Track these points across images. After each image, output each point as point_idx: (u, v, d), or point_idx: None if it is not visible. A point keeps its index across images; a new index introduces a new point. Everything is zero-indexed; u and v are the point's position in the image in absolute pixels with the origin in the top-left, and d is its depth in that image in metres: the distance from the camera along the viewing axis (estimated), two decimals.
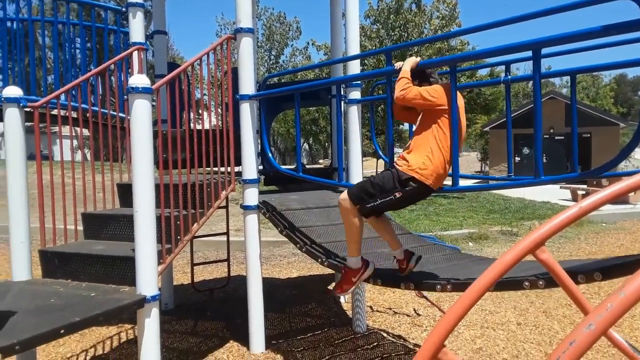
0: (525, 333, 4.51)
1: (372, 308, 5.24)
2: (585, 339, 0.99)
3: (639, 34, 2.61)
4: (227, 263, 5.88)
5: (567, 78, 4.80)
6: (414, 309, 5.18)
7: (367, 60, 18.18)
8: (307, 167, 5.81)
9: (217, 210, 4.13)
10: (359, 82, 4.38)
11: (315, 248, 3.68)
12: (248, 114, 4.12)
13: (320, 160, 39.35)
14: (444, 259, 3.63)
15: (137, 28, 4.67)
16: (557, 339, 4.31)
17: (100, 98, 4.30)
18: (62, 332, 2.60)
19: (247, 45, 4.08)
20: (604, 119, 23.73)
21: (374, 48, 18.77)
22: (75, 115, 4.22)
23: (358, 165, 4.41)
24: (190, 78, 4.11)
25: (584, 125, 22.18)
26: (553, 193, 15.83)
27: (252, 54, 4.14)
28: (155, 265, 3.15)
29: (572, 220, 1.25)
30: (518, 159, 23.89)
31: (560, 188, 16.06)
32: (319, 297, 5.81)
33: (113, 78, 5.02)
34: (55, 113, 3.83)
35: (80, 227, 3.99)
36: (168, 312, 5.26)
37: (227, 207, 5.54)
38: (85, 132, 4.38)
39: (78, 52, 5.61)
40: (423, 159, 2.82)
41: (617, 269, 2.32)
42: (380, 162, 21.59)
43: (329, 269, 6.76)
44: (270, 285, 6.15)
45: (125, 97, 3.31)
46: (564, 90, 36.17)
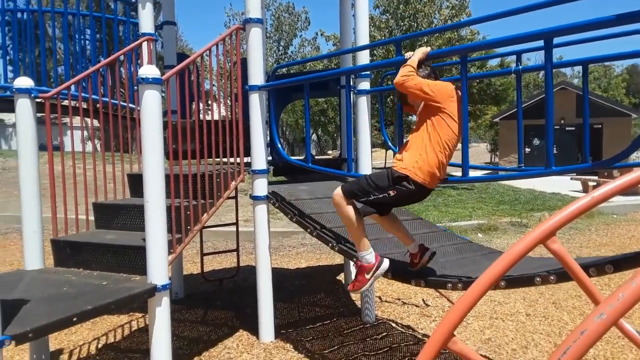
0: (535, 324, 4.51)
1: (381, 298, 5.26)
2: (597, 328, 0.98)
3: None
4: (236, 253, 5.92)
5: (578, 68, 4.76)
6: (423, 300, 5.19)
7: (376, 51, 18.08)
8: (315, 158, 5.80)
9: (226, 201, 4.15)
10: (368, 72, 4.36)
11: (326, 232, 3.68)
12: (257, 105, 4.12)
13: (329, 151, 39.34)
14: (455, 251, 3.61)
15: (146, 19, 4.67)
16: (566, 330, 4.30)
17: (110, 89, 4.31)
18: (74, 320, 2.63)
19: (256, 36, 4.07)
20: (616, 110, 23.49)
21: (383, 38, 18.67)
22: (86, 106, 4.25)
23: (367, 156, 4.41)
24: (200, 69, 4.11)
25: (596, 116, 21.95)
26: (563, 184, 15.71)
27: (261, 45, 4.13)
28: (166, 255, 3.18)
29: (583, 210, 1.24)
30: (528, 150, 23.71)
31: (571, 179, 15.95)
32: (328, 287, 5.83)
33: (122, 69, 5.03)
34: (66, 104, 3.86)
35: (92, 217, 4.03)
36: (178, 301, 5.31)
37: (236, 197, 5.56)
38: (96, 123, 4.40)
39: (88, 43, 5.63)
40: (416, 158, 2.80)
41: (628, 261, 2.31)
42: (390, 152, 21.54)
43: (338, 260, 6.80)
44: (279, 276, 6.17)
45: (135, 87, 3.33)
46: (575, 81, 35.84)
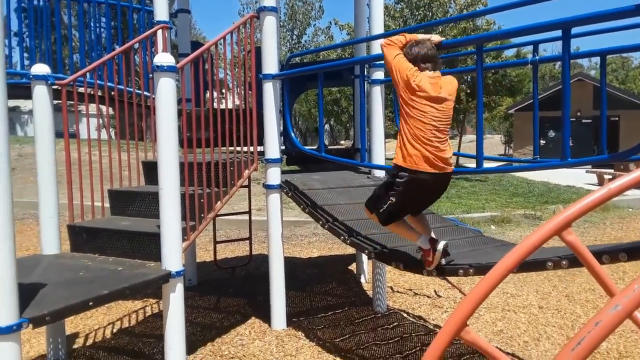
0: (547, 316, 4.49)
1: (392, 289, 5.27)
2: (612, 320, 0.98)
3: None
4: (248, 241, 5.96)
5: (595, 60, 4.69)
6: (435, 291, 5.19)
7: None
8: (328, 147, 5.81)
9: (238, 190, 4.17)
10: (383, 62, 4.33)
11: (338, 225, 3.69)
12: (271, 94, 4.12)
13: (342, 141, 39.24)
14: (467, 243, 3.61)
15: (161, 6, 4.68)
16: (579, 323, 4.28)
17: (125, 76, 4.34)
18: (90, 304, 2.68)
19: (270, 24, 4.06)
20: (633, 102, 23.11)
21: (398, 28, 18.50)
22: (101, 94, 4.28)
23: (380, 146, 4.41)
24: (214, 57, 4.12)
25: (613, 109, 21.61)
26: (578, 177, 15.54)
27: (275, 33, 4.12)
28: (180, 242, 3.21)
29: (600, 202, 1.23)
30: (543, 142, 23.44)
31: (586, 172, 15.77)
32: (340, 276, 5.86)
33: (137, 57, 5.05)
34: (82, 91, 3.89)
35: (107, 203, 4.08)
36: (191, 288, 5.36)
37: (249, 186, 5.59)
38: (111, 110, 4.44)
39: (103, 31, 5.66)
40: (400, 149, 2.85)
41: None
42: None
43: (350, 250, 6.82)
44: (291, 264, 6.21)
45: (150, 75, 3.34)
46: (592, 73, 35.30)
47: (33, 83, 3.52)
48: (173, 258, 3.15)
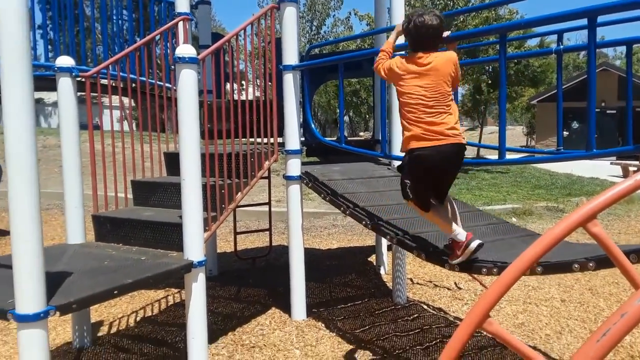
0: (570, 310, 4.44)
1: (412, 280, 5.26)
2: (638, 311, 0.97)
3: None
4: (268, 232, 5.99)
5: (621, 49, 4.59)
6: (455, 283, 5.17)
7: None
8: (348, 139, 5.80)
9: (258, 181, 4.20)
10: (404, 52, 4.30)
11: (359, 211, 3.69)
12: (291, 85, 4.13)
13: (361, 133, 39.07)
14: (491, 231, 3.53)
15: None
16: (602, 317, 4.23)
17: (147, 68, 4.39)
18: (115, 292, 2.73)
19: (290, 15, 4.06)
20: None
21: None
22: (123, 85, 4.33)
23: (401, 137, 4.37)
24: (235, 49, 4.13)
25: (638, 99, 21.15)
26: (602, 169, 15.26)
27: (295, 24, 4.12)
28: (202, 232, 3.25)
29: (627, 193, 1.22)
30: (567, 134, 23.07)
31: (611, 164, 15.49)
32: (359, 268, 5.87)
33: (159, 49, 5.10)
34: (105, 83, 3.95)
35: (130, 194, 4.14)
36: (212, 278, 5.42)
37: (269, 177, 5.61)
38: (132, 102, 4.49)
39: (124, 23, 5.72)
40: (403, 139, 2.96)
41: None
42: None
43: (369, 241, 6.81)
44: (311, 256, 6.23)
45: (172, 67, 3.37)
46: (617, 62, 34.52)
47: (58, 75, 3.58)
48: (195, 248, 3.20)
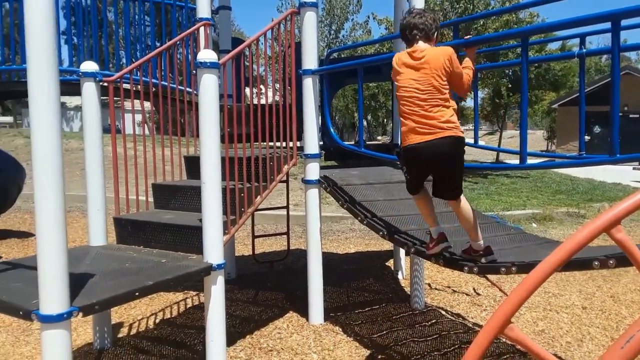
0: (591, 317, 4.37)
1: (430, 286, 5.22)
2: None
3: None
4: (286, 236, 6.01)
5: None
6: (474, 289, 5.13)
7: None
8: (366, 143, 5.78)
9: (276, 185, 4.22)
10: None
11: (376, 221, 3.68)
12: (311, 89, 4.14)
13: (379, 137, 38.95)
14: (508, 240, 3.54)
15: (203, 4, 4.77)
16: (624, 325, 4.15)
17: (169, 73, 4.45)
18: (137, 294, 2.76)
19: (310, 20, 4.08)
20: None
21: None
22: (145, 90, 4.39)
23: None
24: (255, 53, 4.16)
25: None
26: (625, 175, 14.99)
27: (315, 29, 4.14)
28: (221, 235, 3.27)
29: None
30: (588, 138, 22.74)
31: (634, 169, 15.24)
32: (377, 273, 5.85)
33: (180, 54, 5.16)
34: (127, 87, 4.01)
35: (151, 198, 4.19)
36: (230, 281, 5.45)
37: (287, 181, 5.64)
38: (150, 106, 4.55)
39: (146, 28, 5.81)
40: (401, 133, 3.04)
41: None
42: None
43: (387, 246, 6.79)
44: (329, 260, 6.22)
45: (194, 72, 3.41)
46: None
47: (82, 80, 3.64)
48: (214, 251, 3.22)
